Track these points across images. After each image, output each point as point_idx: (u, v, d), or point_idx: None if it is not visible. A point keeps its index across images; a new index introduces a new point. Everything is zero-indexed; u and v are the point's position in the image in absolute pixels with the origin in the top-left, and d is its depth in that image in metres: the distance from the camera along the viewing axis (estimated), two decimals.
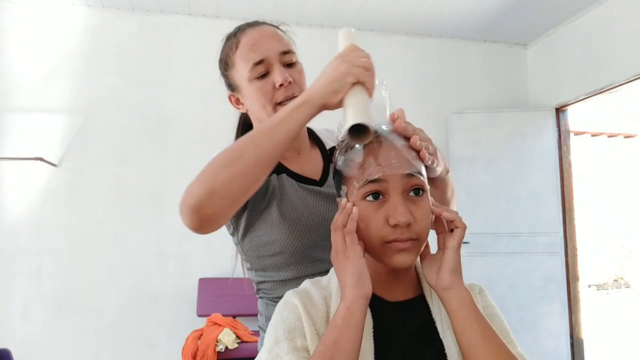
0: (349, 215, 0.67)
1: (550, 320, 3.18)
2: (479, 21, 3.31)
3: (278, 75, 0.91)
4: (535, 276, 3.21)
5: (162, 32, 3.14)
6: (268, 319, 1.00)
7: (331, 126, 0.98)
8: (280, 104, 0.92)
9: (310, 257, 0.94)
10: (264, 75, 0.92)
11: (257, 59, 0.92)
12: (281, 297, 1.00)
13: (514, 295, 3.18)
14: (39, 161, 2.78)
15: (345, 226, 0.66)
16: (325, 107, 0.74)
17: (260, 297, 1.03)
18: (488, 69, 3.63)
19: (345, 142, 0.71)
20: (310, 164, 1.00)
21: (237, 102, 1.02)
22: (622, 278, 7.62)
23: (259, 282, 1.00)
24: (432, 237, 0.77)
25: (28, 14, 2.97)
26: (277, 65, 0.93)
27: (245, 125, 1.08)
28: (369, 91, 0.72)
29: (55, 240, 2.85)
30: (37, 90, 2.93)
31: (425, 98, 3.49)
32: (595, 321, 5.17)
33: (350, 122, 0.67)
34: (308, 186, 0.96)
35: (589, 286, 7.27)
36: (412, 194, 0.67)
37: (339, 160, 0.72)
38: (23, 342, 2.70)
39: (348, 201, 0.70)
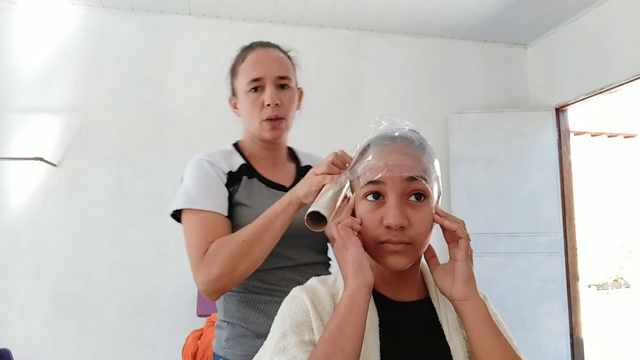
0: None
1: (550, 320, 3.17)
2: (479, 21, 3.30)
3: (268, 95, 1.07)
4: (535, 276, 3.21)
5: (162, 32, 3.14)
6: (226, 312, 1.09)
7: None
8: (266, 120, 1.08)
9: (274, 253, 1.03)
10: (257, 92, 1.08)
11: (255, 76, 1.08)
12: (241, 289, 1.06)
13: (514, 295, 3.18)
14: (39, 161, 2.78)
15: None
16: (303, 204, 0.93)
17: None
18: (488, 69, 3.63)
19: (362, 144, 0.77)
20: (283, 174, 1.16)
21: (235, 106, 1.17)
22: (622, 278, 7.63)
23: None
24: (437, 245, 0.77)
25: (28, 14, 2.97)
26: (270, 87, 1.08)
27: None
28: (334, 181, 0.85)
29: (55, 240, 2.85)
30: (37, 90, 2.93)
31: (425, 98, 3.49)
32: (595, 321, 5.17)
33: (308, 211, 0.80)
34: (275, 190, 1.10)
35: (589, 286, 7.27)
36: (412, 198, 0.68)
37: (353, 158, 0.77)
38: (23, 342, 2.70)
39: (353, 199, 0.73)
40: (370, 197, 0.69)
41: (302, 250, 1.10)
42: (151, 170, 3.01)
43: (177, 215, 1.06)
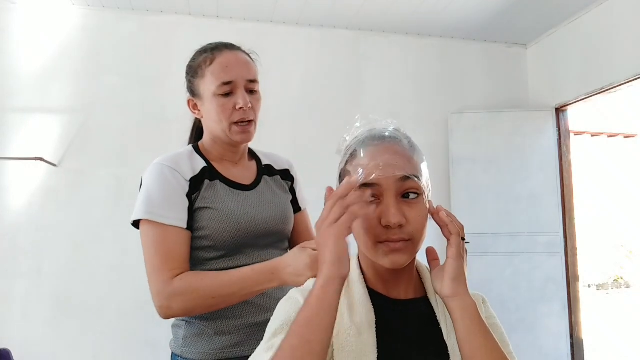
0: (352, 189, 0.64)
1: (550, 320, 3.17)
2: (479, 21, 3.30)
3: (241, 98, 1.06)
4: (535, 276, 3.21)
5: (162, 32, 3.14)
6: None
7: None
8: (235, 123, 1.07)
9: (236, 253, 1.07)
10: (228, 95, 1.06)
11: (227, 80, 1.06)
12: None
13: (514, 295, 3.18)
14: (39, 161, 2.78)
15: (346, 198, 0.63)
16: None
17: None
18: (488, 69, 3.63)
19: (349, 145, 0.75)
20: (245, 172, 1.18)
21: (195, 107, 1.15)
22: (622, 278, 7.63)
23: None
24: (439, 245, 0.77)
25: (28, 14, 2.97)
26: (241, 90, 1.07)
27: (197, 129, 1.24)
28: None
29: (55, 240, 2.85)
30: (37, 90, 2.93)
31: (425, 98, 3.49)
32: (595, 321, 5.17)
33: None
34: (237, 190, 1.11)
35: (589, 286, 7.28)
36: (407, 196, 0.69)
37: (342, 162, 0.75)
38: (23, 342, 2.70)
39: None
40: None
41: (266, 249, 1.12)
42: None
43: (137, 222, 1.06)
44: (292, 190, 1.27)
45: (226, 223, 1.05)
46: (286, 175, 1.27)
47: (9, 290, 2.78)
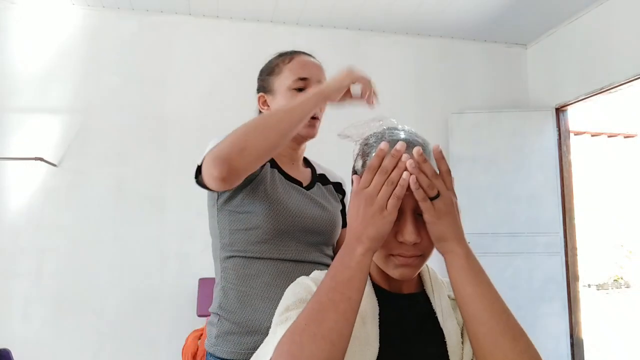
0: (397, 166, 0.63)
1: (550, 320, 3.17)
2: (479, 21, 3.31)
3: None
4: (535, 276, 3.21)
5: (162, 32, 3.14)
6: (220, 304, 1.10)
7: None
8: None
9: (280, 242, 1.08)
10: (301, 90, 1.16)
11: (303, 76, 1.17)
12: (239, 281, 1.08)
13: (514, 295, 3.17)
14: (39, 161, 2.78)
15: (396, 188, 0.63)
16: (331, 101, 1.04)
17: (221, 284, 1.13)
18: (488, 69, 3.63)
19: (365, 147, 0.74)
20: (301, 174, 1.22)
21: (264, 103, 1.22)
22: (622, 278, 7.63)
23: (224, 259, 1.12)
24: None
25: (28, 14, 2.98)
26: (314, 87, 1.14)
27: None
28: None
29: (55, 240, 2.85)
30: (37, 90, 2.93)
31: (425, 98, 3.49)
32: (595, 321, 5.17)
33: None
34: (293, 184, 1.15)
35: (589, 286, 7.28)
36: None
37: (358, 162, 0.73)
38: (23, 342, 2.71)
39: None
40: None
41: (308, 247, 1.13)
42: (151, 170, 3.01)
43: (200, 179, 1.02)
44: (343, 204, 1.32)
45: (275, 205, 1.07)
46: (338, 188, 1.33)
47: (9, 290, 2.78)
